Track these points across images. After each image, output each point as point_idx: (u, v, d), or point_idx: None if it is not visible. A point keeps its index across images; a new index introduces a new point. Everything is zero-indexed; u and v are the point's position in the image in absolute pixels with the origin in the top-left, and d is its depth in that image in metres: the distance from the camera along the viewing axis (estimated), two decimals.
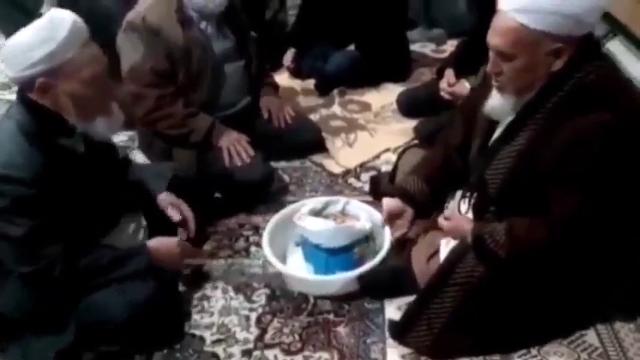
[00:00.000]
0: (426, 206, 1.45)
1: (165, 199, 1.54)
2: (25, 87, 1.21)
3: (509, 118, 1.24)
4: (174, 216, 1.52)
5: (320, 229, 1.52)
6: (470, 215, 1.35)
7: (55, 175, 1.21)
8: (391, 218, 1.47)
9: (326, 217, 1.61)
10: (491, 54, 1.17)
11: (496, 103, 1.22)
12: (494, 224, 1.24)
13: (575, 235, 1.16)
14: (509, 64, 1.14)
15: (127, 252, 1.36)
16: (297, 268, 1.58)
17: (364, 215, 1.60)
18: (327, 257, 1.53)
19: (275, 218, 1.67)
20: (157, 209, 1.53)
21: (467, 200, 1.37)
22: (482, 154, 1.31)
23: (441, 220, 1.34)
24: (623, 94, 1.16)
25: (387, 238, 1.55)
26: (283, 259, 1.62)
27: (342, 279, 1.49)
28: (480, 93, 1.34)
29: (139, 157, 2.18)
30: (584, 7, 1.08)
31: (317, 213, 1.61)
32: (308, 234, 1.55)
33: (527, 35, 1.10)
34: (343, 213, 1.64)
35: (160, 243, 1.41)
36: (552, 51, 1.11)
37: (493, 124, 1.30)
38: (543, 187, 1.17)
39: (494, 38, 1.14)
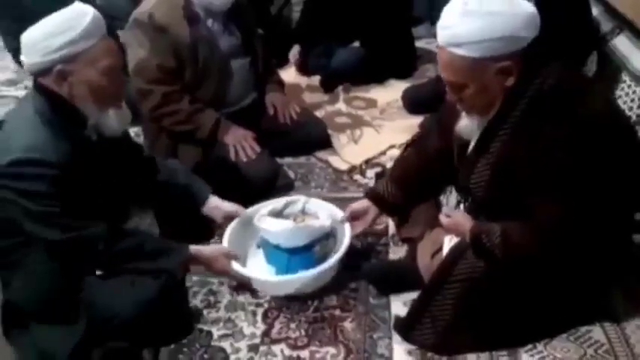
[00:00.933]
0: (398, 207, 1.54)
1: (215, 205, 1.59)
2: (42, 74, 1.24)
3: (481, 130, 1.26)
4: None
5: (278, 230, 1.52)
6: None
7: (74, 162, 1.24)
8: (353, 216, 1.56)
9: (286, 217, 1.60)
10: (447, 86, 1.21)
11: (464, 123, 1.27)
12: (492, 224, 1.25)
13: (563, 239, 1.17)
14: (465, 91, 1.17)
15: (169, 247, 1.39)
16: (260, 270, 1.57)
17: (324, 214, 1.59)
18: (288, 257, 1.52)
19: (235, 221, 1.63)
20: (199, 213, 1.57)
21: (463, 204, 1.39)
22: (462, 165, 1.33)
23: (441, 218, 1.35)
24: (582, 96, 1.16)
25: (347, 234, 1.55)
26: (245, 261, 1.61)
27: (302, 278, 1.47)
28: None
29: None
30: (510, 25, 1.09)
31: (277, 214, 1.60)
32: (268, 235, 1.55)
33: (469, 64, 1.12)
34: (303, 212, 1.63)
35: (207, 248, 1.46)
36: (499, 70, 1.13)
37: (466, 145, 1.32)
38: (522, 195, 1.18)
39: (443, 72, 1.19)
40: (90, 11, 1.24)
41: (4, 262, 1.30)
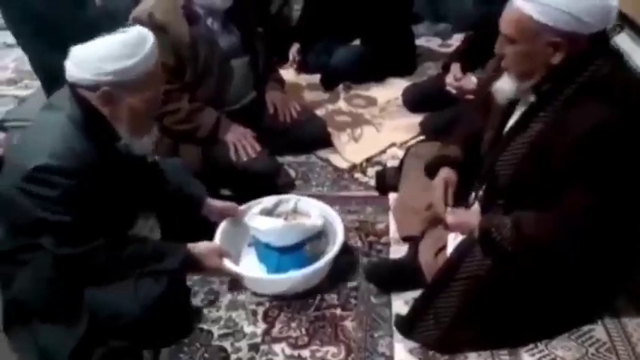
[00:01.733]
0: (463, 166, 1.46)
1: (214, 205, 1.59)
2: (87, 90, 1.22)
3: (523, 109, 1.27)
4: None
5: (269, 228, 1.52)
6: (476, 207, 1.35)
7: (94, 172, 1.24)
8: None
9: (277, 216, 1.60)
10: (499, 37, 1.24)
11: (501, 84, 1.28)
12: (501, 218, 1.25)
13: (587, 231, 1.17)
14: (511, 47, 1.21)
15: (167, 247, 1.39)
16: (252, 269, 1.57)
17: (315, 212, 1.59)
18: (279, 256, 1.52)
19: (227, 219, 1.63)
20: (197, 214, 1.57)
21: (474, 193, 1.37)
22: (494, 144, 1.32)
23: (447, 216, 1.35)
24: (635, 89, 1.18)
25: (339, 233, 1.54)
26: (239, 259, 1.61)
27: (293, 277, 1.48)
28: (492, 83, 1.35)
29: None
30: (580, 5, 1.11)
31: (268, 212, 1.60)
32: (258, 233, 1.55)
33: (529, 24, 1.16)
34: (295, 211, 1.63)
35: (200, 244, 1.44)
36: (551, 43, 1.16)
37: (506, 115, 1.32)
38: (552, 180, 1.18)
39: (502, 23, 1.22)
40: (150, 38, 1.23)
41: (12, 259, 1.30)
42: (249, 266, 1.59)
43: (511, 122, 1.30)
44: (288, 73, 2.60)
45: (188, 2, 1.84)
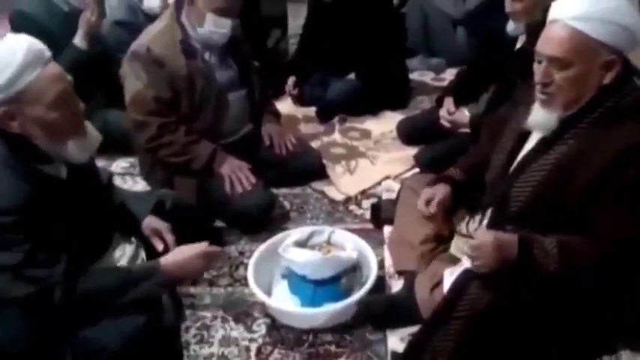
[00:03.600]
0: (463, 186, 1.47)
1: (147, 225, 1.49)
2: None
3: (542, 132, 1.23)
4: (158, 246, 1.46)
5: (306, 260, 1.50)
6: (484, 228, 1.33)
7: (40, 202, 1.18)
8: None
9: (311, 247, 1.59)
10: (538, 65, 1.17)
11: (540, 117, 1.21)
12: (540, 237, 1.19)
13: (623, 254, 1.14)
14: (563, 73, 1.14)
15: (136, 273, 1.29)
16: (284, 300, 1.55)
17: (350, 245, 1.58)
18: (314, 289, 1.50)
19: (260, 249, 1.64)
20: (141, 234, 1.49)
21: (478, 220, 1.36)
22: (509, 170, 1.29)
23: (473, 233, 1.29)
24: None
25: (373, 267, 1.54)
26: (269, 290, 1.60)
27: (330, 311, 1.47)
28: (506, 113, 1.36)
29: (140, 185, 2.18)
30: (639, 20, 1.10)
31: (302, 244, 1.59)
32: (294, 265, 1.53)
33: (586, 43, 1.11)
34: (329, 243, 1.62)
35: (174, 253, 1.36)
36: (606, 63, 1.13)
37: (522, 140, 1.29)
38: (574, 203, 1.14)
39: (549, 46, 1.14)
40: (23, 43, 1.13)
41: None
42: (282, 298, 1.57)
43: (529, 145, 1.26)
44: (284, 106, 2.63)
45: (186, 37, 1.87)
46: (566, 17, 1.13)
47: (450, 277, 1.36)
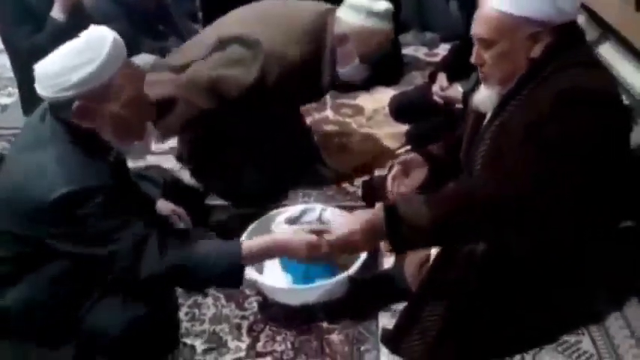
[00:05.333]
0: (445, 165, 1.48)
1: (161, 207, 1.50)
2: (61, 108, 1.14)
3: (486, 109, 1.28)
4: (180, 224, 1.49)
5: None
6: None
7: (117, 183, 1.19)
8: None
9: (303, 225, 1.59)
10: (475, 46, 1.23)
11: (482, 94, 1.28)
12: (414, 197, 1.27)
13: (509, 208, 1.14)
14: (491, 51, 1.19)
15: (218, 250, 1.25)
16: (276, 278, 1.55)
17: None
18: (306, 266, 1.49)
19: (252, 227, 1.63)
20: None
21: None
22: (471, 142, 1.33)
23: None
24: (600, 75, 1.20)
25: None
26: (261, 268, 1.59)
27: (322, 287, 1.47)
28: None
29: None
30: None
31: (293, 221, 1.58)
32: None
33: (507, 20, 1.16)
34: (320, 221, 1.62)
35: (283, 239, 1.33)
36: (531, 35, 1.16)
37: (481, 116, 1.32)
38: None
39: (476, 27, 1.21)
40: (109, 37, 1.13)
41: (14, 265, 1.20)
42: (274, 276, 1.56)
43: (488, 115, 1.30)
44: None
45: None
46: None
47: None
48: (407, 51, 2.97)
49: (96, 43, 1.12)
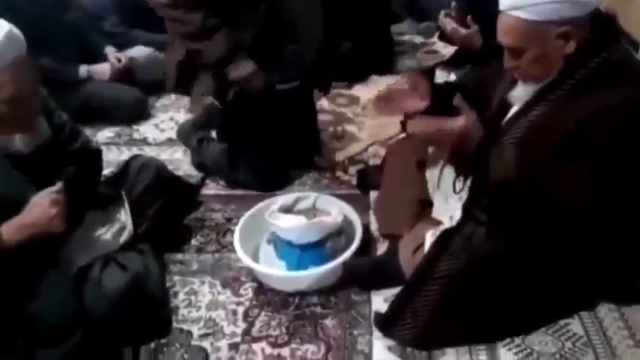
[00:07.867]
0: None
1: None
2: None
3: (520, 104, 1.26)
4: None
5: (292, 226, 1.52)
6: (464, 195, 1.36)
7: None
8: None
9: (297, 213, 1.61)
10: (505, 52, 1.21)
11: (520, 92, 1.25)
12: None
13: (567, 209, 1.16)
14: (523, 58, 1.17)
15: None
16: (270, 265, 1.58)
17: (335, 210, 1.60)
18: (300, 253, 1.52)
19: (247, 215, 1.65)
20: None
21: (462, 180, 1.38)
22: (490, 138, 1.31)
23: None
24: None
25: (358, 230, 1.56)
26: (256, 256, 1.62)
27: (316, 273, 1.49)
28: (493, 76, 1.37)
29: (125, 154, 2.17)
30: None
31: (288, 209, 1.60)
32: (280, 231, 1.55)
33: (530, 27, 1.13)
34: (314, 208, 1.63)
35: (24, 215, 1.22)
36: (560, 34, 1.13)
37: (505, 108, 1.31)
38: (547, 163, 1.16)
39: (502, 37, 1.19)
40: (5, 27, 1.10)
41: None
42: (268, 263, 1.59)
43: (513, 110, 1.28)
44: None
45: None
46: (506, 8, 1.14)
47: (431, 238, 1.38)
48: (403, 39, 2.98)
49: None
